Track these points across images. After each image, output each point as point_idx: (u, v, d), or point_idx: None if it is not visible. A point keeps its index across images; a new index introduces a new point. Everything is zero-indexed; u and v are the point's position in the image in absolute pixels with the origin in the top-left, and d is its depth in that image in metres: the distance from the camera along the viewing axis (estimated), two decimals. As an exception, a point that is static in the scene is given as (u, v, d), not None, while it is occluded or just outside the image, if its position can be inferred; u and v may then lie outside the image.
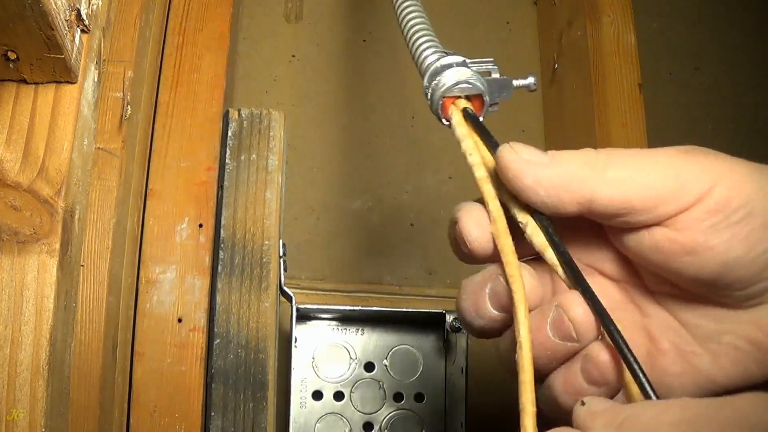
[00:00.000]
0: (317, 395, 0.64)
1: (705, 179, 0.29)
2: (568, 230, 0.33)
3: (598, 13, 0.75)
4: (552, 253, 0.31)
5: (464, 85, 0.35)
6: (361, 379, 0.65)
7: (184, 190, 0.56)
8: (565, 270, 0.30)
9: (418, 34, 0.38)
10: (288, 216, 0.75)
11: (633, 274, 0.34)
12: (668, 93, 0.91)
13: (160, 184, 0.56)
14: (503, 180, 0.31)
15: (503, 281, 0.31)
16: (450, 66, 0.35)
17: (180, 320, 0.53)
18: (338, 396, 0.64)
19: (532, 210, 0.31)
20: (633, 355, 0.28)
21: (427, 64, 0.36)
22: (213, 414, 0.51)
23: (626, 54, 0.74)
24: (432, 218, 0.79)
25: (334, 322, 0.66)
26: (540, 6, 0.90)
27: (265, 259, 0.55)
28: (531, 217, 0.31)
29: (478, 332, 0.33)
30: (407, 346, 0.66)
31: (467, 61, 0.36)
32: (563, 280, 0.31)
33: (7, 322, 0.35)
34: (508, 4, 0.90)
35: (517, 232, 0.32)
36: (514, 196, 0.31)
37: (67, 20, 0.36)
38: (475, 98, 0.35)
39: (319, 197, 0.79)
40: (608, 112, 0.72)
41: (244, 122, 0.59)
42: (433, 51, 0.37)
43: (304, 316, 0.64)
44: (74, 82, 0.39)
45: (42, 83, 0.39)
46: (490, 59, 0.36)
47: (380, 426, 0.64)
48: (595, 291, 0.30)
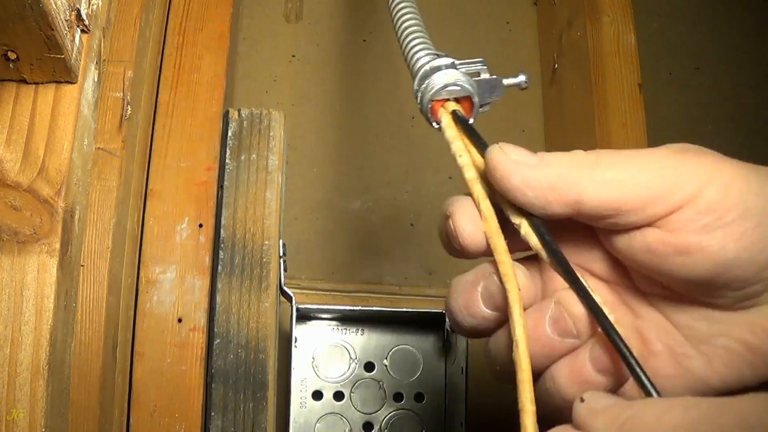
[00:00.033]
0: (317, 395, 0.64)
1: (696, 179, 0.29)
2: (560, 232, 0.33)
3: (598, 13, 0.75)
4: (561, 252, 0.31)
5: (453, 88, 0.35)
6: (361, 379, 0.65)
7: (184, 190, 0.56)
8: (559, 270, 0.30)
9: (410, 37, 0.39)
10: (288, 216, 0.75)
11: (624, 276, 0.34)
12: (668, 93, 0.91)
13: (160, 184, 0.56)
14: (492, 180, 0.31)
15: (497, 280, 0.31)
16: (439, 69, 0.35)
17: (180, 320, 0.53)
18: (338, 396, 0.64)
19: (524, 211, 0.31)
20: (631, 352, 0.27)
21: (418, 67, 0.36)
22: (213, 414, 0.51)
23: (626, 54, 0.74)
24: (432, 218, 0.79)
25: (334, 322, 0.66)
26: (540, 6, 0.90)
27: (265, 259, 0.55)
28: (524, 218, 0.31)
29: (469, 332, 0.33)
30: (407, 346, 0.66)
31: (456, 62, 0.35)
32: (562, 278, 0.31)
33: (7, 322, 0.35)
34: (508, 4, 0.90)
35: (509, 230, 0.31)
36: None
37: (67, 20, 0.36)
38: (465, 100, 0.35)
39: (319, 197, 0.79)
40: (608, 112, 0.72)
41: (244, 122, 0.59)
42: (424, 54, 0.37)
43: (304, 316, 0.64)
44: (74, 82, 0.39)
45: (42, 83, 0.39)
46: (480, 59, 0.36)
47: (380, 426, 0.64)
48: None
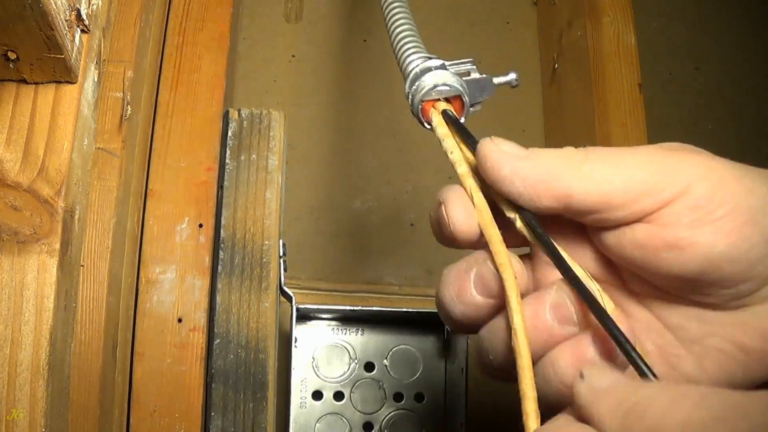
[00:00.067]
0: (317, 395, 0.64)
1: (687, 175, 0.29)
2: (551, 232, 0.33)
3: (598, 13, 0.75)
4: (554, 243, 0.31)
5: (442, 88, 0.35)
6: (361, 379, 0.65)
7: (184, 190, 0.56)
8: (553, 260, 0.30)
9: (403, 41, 0.39)
10: (288, 216, 0.75)
11: (616, 276, 0.33)
12: (668, 93, 0.91)
13: (160, 184, 0.56)
14: (481, 171, 0.31)
15: (491, 266, 0.31)
16: (429, 70, 0.36)
17: (180, 320, 0.53)
18: (338, 396, 0.64)
19: (516, 206, 0.31)
20: (625, 337, 0.27)
21: (409, 69, 0.37)
22: (213, 414, 0.51)
23: (626, 54, 0.74)
24: (432, 218, 0.79)
25: (334, 322, 0.66)
26: (540, 6, 0.90)
27: (265, 259, 0.55)
28: (516, 212, 0.31)
29: (458, 322, 0.33)
30: (407, 346, 0.66)
31: (446, 63, 0.36)
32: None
33: (7, 322, 0.35)
34: (508, 4, 0.90)
35: (501, 225, 0.32)
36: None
37: (67, 20, 0.36)
38: (456, 99, 0.36)
39: (319, 197, 0.79)
40: (608, 112, 0.72)
41: (244, 122, 0.59)
42: (415, 56, 0.37)
43: (304, 316, 0.64)
44: (74, 82, 0.39)
45: (42, 83, 0.39)
46: (469, 60, 0.37)
47: (380, 426, 0.64)
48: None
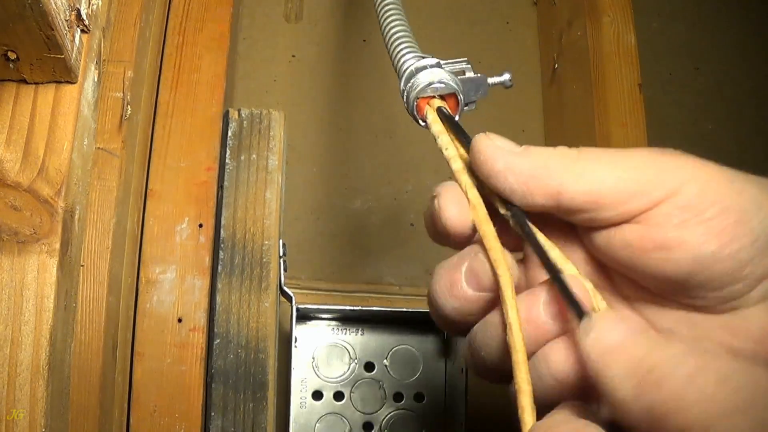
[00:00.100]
0: (317, 395, 0.64)
1: (677, 176, 0.29)
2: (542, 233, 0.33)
3: (598, 13, 0.75)
4: (541, 239, 0.31)
5: (437, 85, 0.36)
6: (361, 379, 0.65)
7: (184, 190, 0.56)
8: (538, 256, 0.30)
9: (397, 41, 0.40)
10: (288, 216, 0.75)
11: (606, 278, 0.33)
12: (668, 93, 0.91)
13: (160, 184, 0.56)
14: (475, 165, 0.31)
15: (482, 258, 0.31)
16: (424, 68, 0.36)
17: (180, 320, 0.53)
18: (338, 396, 0.64)
19: (506, 202, 0.31)
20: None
21: (404, 68, 0.37)
22: (213, 414, 0.51)
23: (626, 54, 0.74)
24: (432, 218, 0.79)
25: (334, 322, 0.65)
26: (540, 6, 0.90)
27: (265, 259, 0.55)
28: (504, 208, 0.31)
29: (448, 318, 0.33)
30: (407, 346, 0.66)
31: (441, 62, 0.36)
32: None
33: (7, 322, 0.35)
34: (508, 4, 0.90)
35: (495, 221, 0.32)
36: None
37: (67, 20, 0.36)
38: (450, 98, 0.36)
39: (319, 197, 0.79)
40: (608, 112, 0.72)
41: (244, 122, 0.59)
42: (410, 56, 0.38)
43: (304, 316, 0.64)
44: (74, 82, 0.39)
45: (42, 83, 0.39)
46: (464, 59, 0.37)
47: (380, 426, 0.64)
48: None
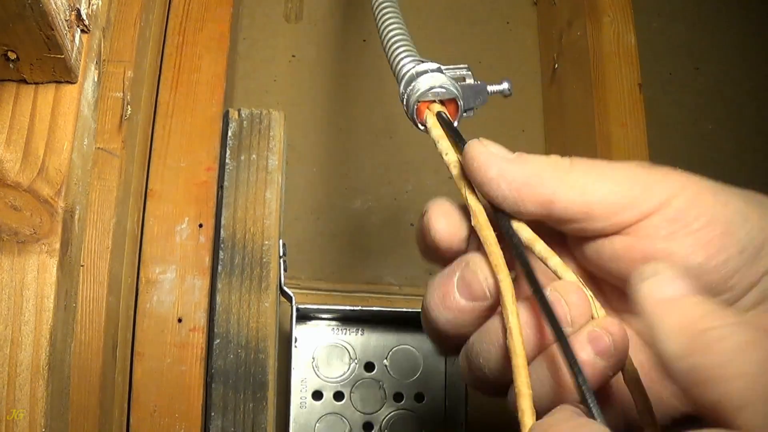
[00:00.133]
0: (317, 395, 0.64)
1: (666, 189, 0.29)
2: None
3: (598, 13, 0.75)
4: (541, 247, 0.31)
5: (438, 90, 0.36)
6: (361, 379, 0.65)
7: (184, 190, 0.56)
8: (522, 268, 0.30)
9: (395, 44, 0.40)
10: (288, 216, 0.75)
11: (596, 289, 0.34)
12: (668, 93, 0.91)
13: (160, 184, 0.56)
14: (468, 171, 0.31)
15: (473, 268, 0.31)
16: (425, 72, 0.36)
17: (180, 320, 0.53)
18: (338, 396, 0.64)
19: (496, 210, 0.31)
20: (580, 368, 0.27)
21: (404, 71, 0.37)
22: (213, 414, 0.51)
23: (626, 54, 0.74)
24: (432, 218, 0.79)
25: (334, 322, 0.65)
26: (540, 6, 0.90)
27: (265, 259, 0.55)
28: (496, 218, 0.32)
29: (443, 332, 0.33)
30: (407, 346, 0.66)
31: (442, 67, 0.36)
32: (553, 272, 0.31)
33: (7, 322, 0.35)
34: (508, 4, 0.90)
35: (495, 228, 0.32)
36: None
37: (67, 20, 0.36)
38: (450, 103, 0.36)
39: (319, 197, 0.79)
40: (608, 112, 0.72)
41: (244, 122, 0.59)
42: (409, 59, 0.38)
43: (304, 316, 0.64)
44: (74, 82, 0.39)
45: (42, 83, 0.39)
46: (465, 65, 0.37)
47: (380, 426, 0.64)
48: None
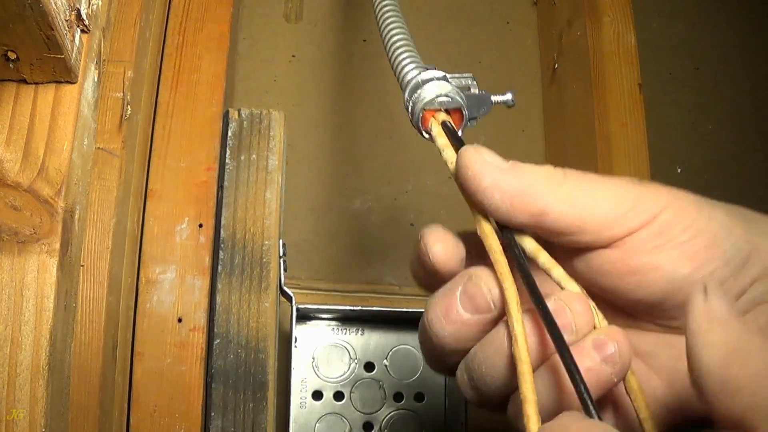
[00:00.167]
0: (317, 395, 0.64)
1: (655, 204, 0.30)
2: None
3: (598, 13, 0.75)
4: (545, 258, 0.31)
5: (444, 99, 0.36)
6: (361, 379, 0.65)
7: (184, 190, 0.56)
8: (522, 279, 0.31)
9: (399, 50, 0.39)
10: (288, 216, 0.75)
11: None
12: (668, 93, 0.91)
13: (160, 184, 0.56)
14: (461, 179, 0.31)
15: (475, 281, 0.31)
16: (431, 80, 0.36)
17: (180, 320, 0.53)
18: (338, 396, 0.64)
19: (502, 226, 0.32)
20: (581, 373, 0.27)
21: (408, 78, 0.37)
22: (213, 414, 0.51)
23: (626, 54, 0.74)
24: (432, 218, 0.79)
25: (334, 322, 0.66)
26: (540, 6, 0.90)
27: (265, 259, 0.55)
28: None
29: (444, 348, 0.33)
30: (407, 346, 0.66)
31: (447, 75, 0.36)
32: (556, 282, 0.31)
33: (7, 322, 0.35)
34: (508, 4, 0.90)
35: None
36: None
37: (67, 20, 0.36)
38: (455, 112, 0.36)
39: (319, 197, 0.79)
40: (608, 112, 0.72)
41: (244, 122, 0.59)
42: (413, 66, 0.38)
43: (304, 316, 0.64)
44: (74, 82, 0.39)
45: (42, 83, 0.39)
46: (470, 74, 0.37)
47: (380, 426, 0.64)
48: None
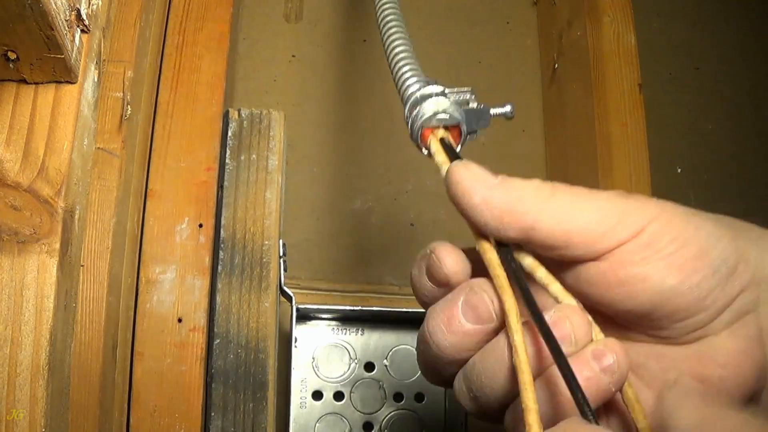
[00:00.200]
0: (317, 395, 0.64)
1: (642, 216, 0.30)
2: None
3: (598, 13, 0.75)
4: (542, 273, 0.32)
5: (442, 116, 0.36)
6: (361, 379, 0.65)
7: (184, 190, 0.56)
8: (519, 292, 0.31)
9: (401, 63, 0.40)
10: (288, 216, 0.75)
11: None
12: (668, 93, 0.91)
13: (160, 184, 0.56)
14: (451, 195, 0.32)
15: (478, 291, 0.32)
16: (429, 96, 0.36)
17: (180, 320, 0.53)
18: (338, 396, 0.64)
19: (499, 242, 0.32)
20: (578, 383, 0.28)
21: (408, 94, 0.37)
22: (213, 414, 0.51)
23: (626, 54, 0.74)
24: (432, 218, 0.79)
25: (334, 322, 0.66)
26: (540, 6, 0.90)
27: (265, 259, 0.55)
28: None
29: (443, 358, 0.33)
30: (407, 346, 0.66)
31: (446, 90, 0.37)
32: (553, 297, 0.32)
33: (7, 322, 0.35)
34: (508, 4, 0.90)
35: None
36: None
37: (67, 20, 0.36)
38: (454, 128, 0.37)
39: (319, 197, 0.79)
40: (608, 112, 0.72)
41: (244, 122, 0.59)
42: (414, 80, 0.38)
43: (304, 316, 0.64)
44: (74, 82, 0.39)
45: (42, 83, 0.39)
46: (468, 89, 0.37)
47: (380, 426, 0.64)
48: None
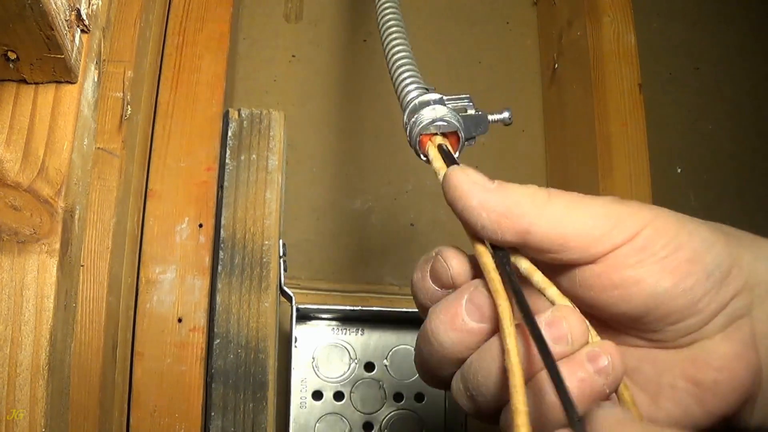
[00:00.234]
0: (317, 395, 0.64)
1: (637, 221, 0.31)
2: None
3: (598, 13, 0.75)
4: (539, 278, 0.32)
5: (440, 123, 0.37)
6: (361, 379, 0.65)
7: (184, 190, 0.56)
8: (513, 295, 0.31)
9: (401, 69, 0.40)
10: (288, 216, 0.75)
11: None
12: (668, 93, 0.91)
13: (160, 184, 0.56)
14: (448, 199, 0.32)
15: (482, 290, 0.32)
16: (427, 104, 0.37)
17: (180, 320, 0.53)
18: (338, 396, 0.64)
19: (495, 247, 0.32)
20: (566, 387, 0.27)
21: (407, 101, 0.38)
22: (213, 414, 0.51)
23: (626, 54, 0.74)
24: (432, 218, 0.79)
25: (334, 322, 0.66)
26: (540, 6, 0.90)
27: (265, 259, 0.55)
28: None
29: (442, 356, 0.33)
30: (407, 346, 0.66)
31: (444, 98, 0.38)
32: (550, 301, 0.32)
33: (7, 322, 0.35)
34: (508, 4, 0.90)
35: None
36: None
37: (67, 20, 0.36)
38: (452, 135, 0.37)
39: (319, 197, 0.79)
40: (608, 112, 0.72)
41: (244, 122, 0.59)
42: (413, 87, 0.39)
43: (304, 316, 0.64)
44: (74, 82, 0.39)
45: (42, 83, 0.39)
46: (467, 96, 0.38)
47: (380, 426, 0.64)
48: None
